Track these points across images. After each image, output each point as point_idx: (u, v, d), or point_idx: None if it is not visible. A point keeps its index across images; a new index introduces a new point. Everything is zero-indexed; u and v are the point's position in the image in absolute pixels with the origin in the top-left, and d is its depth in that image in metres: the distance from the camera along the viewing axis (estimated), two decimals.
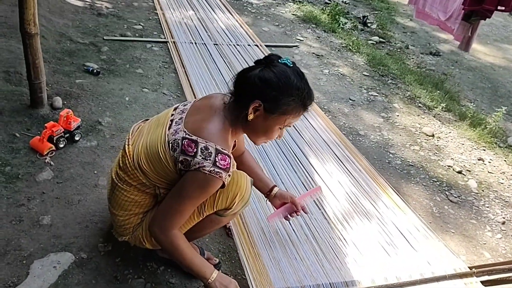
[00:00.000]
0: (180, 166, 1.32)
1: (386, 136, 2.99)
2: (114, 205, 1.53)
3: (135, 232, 1.55)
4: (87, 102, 2.65)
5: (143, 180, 1.43)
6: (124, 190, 1.47)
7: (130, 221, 1.53)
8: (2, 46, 2.97)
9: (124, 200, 1.49)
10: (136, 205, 1.50)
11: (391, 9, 6.72)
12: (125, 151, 1.47)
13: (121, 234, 1.58)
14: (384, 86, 3.78)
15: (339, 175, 2.35)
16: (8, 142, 2.18)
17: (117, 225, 1.56)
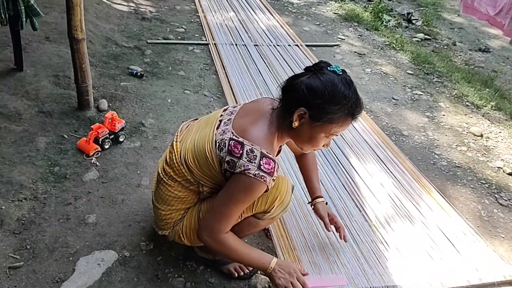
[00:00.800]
0: (226, 167, 1.34)
1: (431, 137, 2.89)
2: (158, 199, 1.57)
3: (175, 227, 1.57)
4: (131, 104, 2.72)
5: (188, 176, 1.45)
6: (168, 185, 1.50)
7: (172, 216, 1.56)
8: (53, 51, 3.11)
9: (168, 195, 1.52)
10: (179, 201, 1.53)
11: (437, 5, 6.50)
12: (173, 147, 1.50)
13: (161, 228, 1.61)
14: (429, 85, 3.66)
15: (381, 177, 2.30)
16: (57, 143, 2.28)
17: (159, 219, 1.59)
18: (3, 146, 2.17)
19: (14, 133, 2.28)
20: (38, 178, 2.03)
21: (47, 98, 2.60)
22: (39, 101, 2.56)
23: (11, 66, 2.82)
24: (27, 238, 1.73)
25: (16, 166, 2.06)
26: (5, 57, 2.90)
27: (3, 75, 2.71)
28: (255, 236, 1.88)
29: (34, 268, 1.61)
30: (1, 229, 1.74)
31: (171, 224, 1.58)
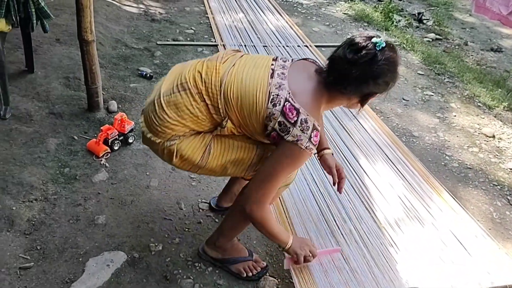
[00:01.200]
0: (276, 126, 1.32)
1: (442, 138, 2.86)
2: (169, 104, 1.41)
3: (171, 143, 1.43)
4: (140, 106, 2.73)
5: (220, 105, 1.38)
6: (194, 99, 1.39)
7: (175, 129, 1.42)
8: (63, 53, 3.14)
9: (186, 106, 1.39)
10: (194, 120, 1.41)
11: (448, 4, 6.44)
12: (215, 67, 1.40)
13: (155, 134, 1.45)
14: (440, 85, 3.62)
15: (391, 178, 2.28)
16: (67, 144, 2.30)
17: (159, 124, 1.42)
18: (14, 147, 2.20)
19: (25, 134, 2.30)
20: (49, 179, 2.04)
21: (58, 99, 2.62)
22: (50, 102, 2.59)
23: (22, 68, 2.84)
24: (37, 239, 1.74)
25: (27, 167, 2.08)
26: (16, 59, 2.93)
27: (15, 77, 2.74)
28: (264, 237, 1.88)
29: (44, 269, 1.62)
30: (12, 230, 1.76)
31: (168, 136, 1.43)
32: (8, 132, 2.28)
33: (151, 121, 1.45)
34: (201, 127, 1.44)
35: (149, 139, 1.47)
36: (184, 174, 2.21)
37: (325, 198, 2.08)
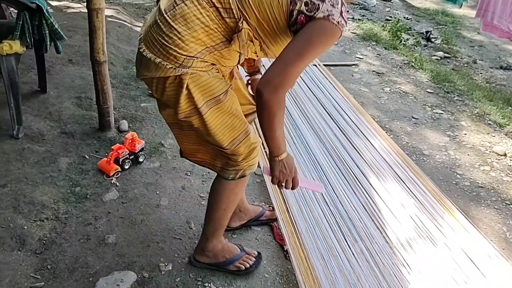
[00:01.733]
0: (302, 8, 1.22)
1: (452, 156, 2.84)
2: (175, 17, 1.27)
3: (183, 70, 1.30)
4: (150, 125, 2.76)
5: (232, 5, 1.26)
6: (202, 7, 1.26)
7: (190, 45, 1.28)
8: (76, 73, 3.19)
9: (195, 15, 1.26)
10: (205, 30, 1.28)
11: (456, 23, 6.47)
12: None
13: (165, 57, 1.30)
14: (449, 103, 3.61)
15: (402, 197, 2.26)
16: (78, 163, 2.32)
17: (168, 42, 1.28)
18: (26, 167, 2.22)
19: (37, 153, 2.33)
20: (60, 198, 2.06)
21: (69, 119, 2.65)
22: (62, 122, 2.62)
23: (35, 88, 2.89)
24: (48, 258, 1.74)
25: (39, 186, 2.10)
26: (29, 80, 2.98)
27: (28, 97, 2.78)
28: (274, 257, 1.87)
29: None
30: (23, 249, 1.76)
31: (181, 59, 1.29)
32: (20, 152, 2.31)
33: (159, 43, 1.30)
34: (215, 39, 1.31)
35: (156, 65, 1.31)
36: (194, 193, 2.21)
37: (336, 217, 2.06)
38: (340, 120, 2.96)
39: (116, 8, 4.84)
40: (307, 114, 3.01)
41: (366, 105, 3.39)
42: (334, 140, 2.72)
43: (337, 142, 2.70)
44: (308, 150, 2.59)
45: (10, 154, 2.28)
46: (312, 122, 2.91)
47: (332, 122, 2.93)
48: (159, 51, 1.30)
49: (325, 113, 3.05)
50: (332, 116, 3.01)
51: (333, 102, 3.20)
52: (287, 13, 1.25)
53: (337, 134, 2.79)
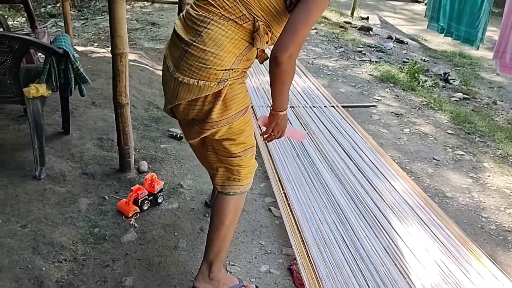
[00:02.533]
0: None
1: (476, 199, 2.77)
2: (204, 42, 1.48)
3: (224, 84, 1.52)
4: (170, 166, 2.78)
5: (243, 11, 1.46)
6: (221, 25, 1.47)
7: (225, 60, 1.49)
8: (98, 115, 3.26)
9: (220, 34, 1.47)
10: (232, 42, 1.49)
11: (474, 64, 6.47)
12: None
13: (207, 78, 1.50)
14: (471, 145, 3.56)
15: (426, 241, 2.19)
16: (98, 204, 2.33)
17: (204, 65, 1.48)
18: (47, 207, 2.24)
19: (58, 194, 2.35)
20: (78, 239, 2.06)
21: (91, 160, 2.69)
22: (83, 163, 2.66)
23: (58, 129, 2.96)
24: None
25: (58, 227, 2.10)
26: (53, 122, 3.06)
27: (51, 138, 2.85)
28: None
29: None
30: None
31: (220, 75, 1.50)
32: (42, 192, 2.34)
33: (197, 68, 1.50)
34: (241, 46, 1.52)
35: (199, 87, 1.51)
36: None
37: (357, 261, 2.01)
38: (360, 161, 2.94)
39: (138, 52, 5.00)
40: (326, 155, 2.99)
41: (385, 146, 3.37)
42: (354, 181, 2.69)
43: (357, 184, 2.67)
44: (327, 192, 2.56)
45: (32, 195, 2.31)
46: (331, 163, 2.89)
47: (351, 163, 2.91)
48: (199, 74, 1.50)
49: (344, 154, 3.03)
50: (352, 157, 2.99)
51: (352, 143, 3.19)
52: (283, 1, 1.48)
53: (357, 176, 2.76)
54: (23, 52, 2.33)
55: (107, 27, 5.61)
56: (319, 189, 2.59)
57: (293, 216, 2.31)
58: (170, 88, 1.60)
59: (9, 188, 2.33)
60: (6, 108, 3.19)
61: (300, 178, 2.68)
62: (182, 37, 1.53)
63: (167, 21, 6.85)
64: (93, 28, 6.51)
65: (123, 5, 2.24)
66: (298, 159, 2.92)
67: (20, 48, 2.29)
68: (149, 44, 5.67)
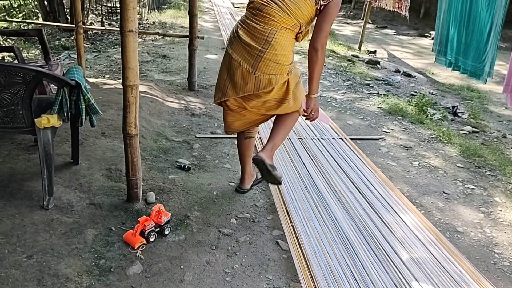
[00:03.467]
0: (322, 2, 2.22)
1: (488, 234, 2.72)
2: (278, 47, 2.24)
3: (289, 74, 2.34)
4: (177, 197, 2.77)
5: (295, 22, 2.24)
6: (286, 33, 2.26)
7: (289, 58, 2.31)
8: (107, 146, 3.29)
9: (284, 40, 2.25)
10: (290, 43, 2.30)
11: (482, 98, 6.48)
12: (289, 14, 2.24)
13: (286, 72, 2.31)
14: (481, 179, 3.52)
15: (438, 278, 2.14)
16: (104, 235, 2.31)
17: (281, 64, 2.27)
18: (54, 238, 2.23)
19: (65, 224, 2.34)
20: (84, 271, 2.03)
21: (99, 190, 2.69)
22: (91, 193, 2.66)
23: (68, 159, 2.98)
24: None
25: (64, 258, 2.09)
26: (63, 152, 3.08)
27: (61, 168, 2.86)
28: None
29: None
30: None
31: (288, 68, 2.31)
32: (49, 222, 2.33)
33: (274, 66, 2.27)
34: (293, 44, 2.34)
35: (277, 78, 2.30)
36: (219, 268, 2.16)
37: None
38: (369, 194, 2.91)
39: (149, 84, 5.08)
40: (334, 188, 2.97)
41: (394, 179, 3.34)
42: (363, 215, 2.65)
43: (366, 217, 2.63)
44: (336, 225, 2.52)
45: (39, 225, 2.30)
46: (340, 196, 2.87)
47: (360, 196, 2.88)
48: (274, 70, 2.28)
49: (353, 187, 3.01)
50: (360, 190, 2.96)
51: (361, 176, 3.17)
52: (315, 10, 2.25)
53: (366, 209, 2.72)
54: (36, 84, 2.37)
55: (119, 59, 5.74)
56: (327, 222, 2.55)
57: (301, 249, 2.28)
58: (247, 82, 2.32)
59: (17, 218, 2.33)
60: (17, 138, 3.23)
61: (308, 211, 2.65)
62: (255, 46, 2.25)
63: (177, 54, 6.99)
64: (105, 60, 6.65)
65: (135, 39, 2.29)
66: (306, 191, 2.90)
67: (34, 80, 2.33)
68: (159, 76, 5.77)
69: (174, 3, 13.10)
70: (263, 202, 2.81)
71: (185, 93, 5.10)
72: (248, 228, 2.52)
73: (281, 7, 2.21)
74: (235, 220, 2.59)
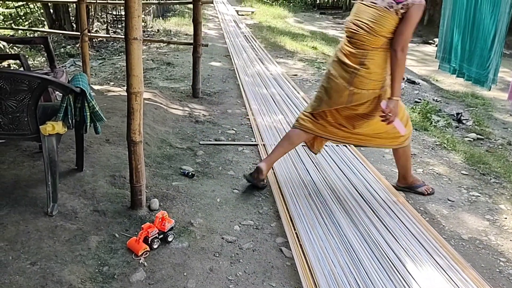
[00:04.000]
0: (401, 11, 2.45)
1: (494, 242, 2.70)
2: (370, 67, 2.57)
3: (385, 88, 2.67)
4: (181, 204, 2.77)
5: (385, 40, 2.54)
6: (374, 53, 2.57)
7: (381, 75, 2.63)
8: (112, 153, 3.30)
9: (376, 59, 2.58)
10: (383, 60, 2.59)
11: (487, 105, 6.45)
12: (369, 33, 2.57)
13: (374, 88, 2.64)
14: (486, 186, 3.50)
15: (442, 285, 2.12)
16: (108, 242, 2.31)
17: (374, 81, 2.62)
18: (57, 244, 2.23)
19: (69, 231, 2.35)
20: (87, 278, 2.03)
21: (103, 197, 2.70)
22: (95, 200, 2.66)
23: (72, 166, 2.99)
24: None
25: (67, 265, 2.09)
26: (68, 159, 3.09)
27: (65, 175, 2.87)
28: None
29: None
30: None
31: (381, 84, 2.65)
32: (53, 229, 2.34)
33: (368, 82, 2.62)
34: (386, 60, 2.61)
35: (369, 93, 2.65)
36: (222, 275, 2.15)
37: None
38: (373, 201, 2.90)
39: (153, 91, 5.10)
40: (338, 195, 2.96)
41: None
42: (367, 222, 2.64)
43: (371, 225, 2.62)
44: (340, 232, 2.52)
45: (43, 232, 2.31)
46: (344, 203, 2.86)
47: (364, 203, 2.87)
48: (368, 85, 2.62)
49: (357, 194, 3.00)
50: (364, 197, 2.95)
51: (365, 183, 3.16)
52: (397, 19, 2.50)
53: (370, 216, 2.71)
54: (42, 91, 2.39)
55: (124, 66, 5.78)
56: (331, 229, 2.54)
57: (305, 257, 2.27)
58: (342, 95, 2.68)
59: (21, 225, 2.34)
60: (22, 144, 3.25)
61: (312, 218, 2.65)
62: (351, 64, 2.61)
63: (181, 61, 7.03)
64: (110, 68, 6.70)
65: (140, 46, 2.30)
66: (310, 198, 2.89)
67: (39, 87, 2.35)
68: (163, 83, 5.80)
69: (178, 11, 13.19)
70: (266, 209, 2.80)
71: (189, 100, 5.12)
72: (252, 235, 2.52)
73: (367, 31, 2.54)
74: (239, 227, 2.59)
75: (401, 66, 2.52)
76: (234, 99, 5.32)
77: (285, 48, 8.73)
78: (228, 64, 7.17)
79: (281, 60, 7.68)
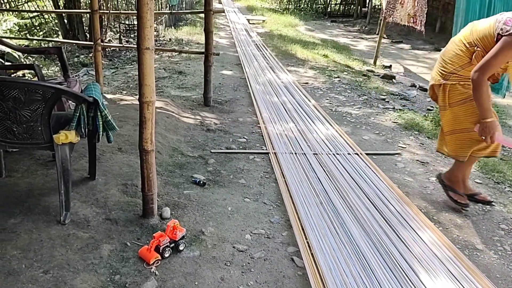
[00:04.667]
0: (500, 31, 2.48)
1: (509, 252, 2.65)
2: (447, 60, 2.83)
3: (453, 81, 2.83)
4: (192, 212, 2.77)
5: (473, 44, 2.68)
6: (463, 53, 2.74)
7: (448, 68, 2.81)
8: (124, 161, 3.32)
9: (452, 49, 2.81)
10: (457, 55, 2.76)
11: (501, 113, 6.38)
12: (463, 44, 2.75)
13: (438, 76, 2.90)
14: (501, 195, 3.45)
15: None
16: (119, 251, 2.32)
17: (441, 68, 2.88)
18: (70, 253, 2.24)
19: (81, 239, 2.36)
20: (99, 287, 2.04)
21: (115, 205, 2.72)
22: (107, 208, 2.68)
23: (85, 175, 3.02)
24: None
25: (80, 273, 2.10)
26: (80, 167, 3.12)
27: (77, 183, 2.90)
28: None
29: None
30: None
31: (444, 75, 2.85)
32: (65, 237, 2.36)
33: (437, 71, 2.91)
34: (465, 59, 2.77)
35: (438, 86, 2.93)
36: (233, 285, 2.14)
37: None
38: (385, 210, 2.88)
39: (165, 100, 5.14)
40: (350, 204, 2.94)
41: (411, 195, 3.29)
42: (379, 231, 2.62)
43: (383, 234, 2.59)
44: (352, 242, 2.50)
45: (55, 240, 2.32)
46: (356, 212, 2.84)
47: (376, 212, 2.85)
48: (434, 73, 2.97)
49: (369, 203, 2.97)
50: (377, 206, 2.93)
51: (377, 192, 3.14)
52: (495, 37, 2.55)
53: (382, 226, 2.69)
54: (55, 101, 2.42)
55: (136, 75, 5.83)
56: (343, 238, 2.53)
57: (317, 266, 2.25)
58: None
59: (34, 233, 2.36)
60: (36, 153, 3.29)
61: (323, 227, 2.63)
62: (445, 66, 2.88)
63: (193, 70, 7.07)
64: (122, 77, 6.77)
65: (152, 56, 2.33)
66: (321, 207, 2.88)
67: (53, 97, 2.38)
68: (175, 92, 5.84)
69: (190, 20, 13.30)
70: (277, 218, 2.79)
71: (200, 109, 5.15)
72: (263, 244, 2.51)
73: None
74: (250, 236, 2.58)
75: (475, 90, 2.59)
76: (245, 108, 5.33)
77: (296, 56, 8.75)
78: (239, 72, 7.20)
79: (292, 68, 7.69)
